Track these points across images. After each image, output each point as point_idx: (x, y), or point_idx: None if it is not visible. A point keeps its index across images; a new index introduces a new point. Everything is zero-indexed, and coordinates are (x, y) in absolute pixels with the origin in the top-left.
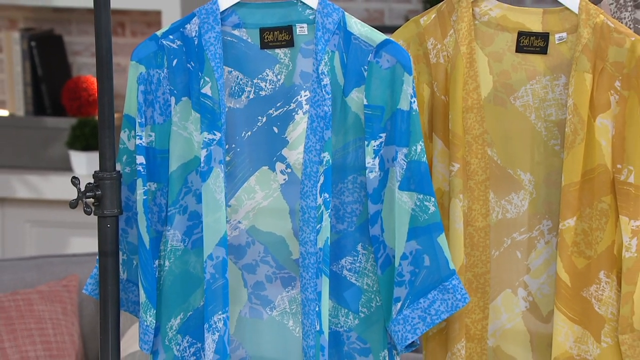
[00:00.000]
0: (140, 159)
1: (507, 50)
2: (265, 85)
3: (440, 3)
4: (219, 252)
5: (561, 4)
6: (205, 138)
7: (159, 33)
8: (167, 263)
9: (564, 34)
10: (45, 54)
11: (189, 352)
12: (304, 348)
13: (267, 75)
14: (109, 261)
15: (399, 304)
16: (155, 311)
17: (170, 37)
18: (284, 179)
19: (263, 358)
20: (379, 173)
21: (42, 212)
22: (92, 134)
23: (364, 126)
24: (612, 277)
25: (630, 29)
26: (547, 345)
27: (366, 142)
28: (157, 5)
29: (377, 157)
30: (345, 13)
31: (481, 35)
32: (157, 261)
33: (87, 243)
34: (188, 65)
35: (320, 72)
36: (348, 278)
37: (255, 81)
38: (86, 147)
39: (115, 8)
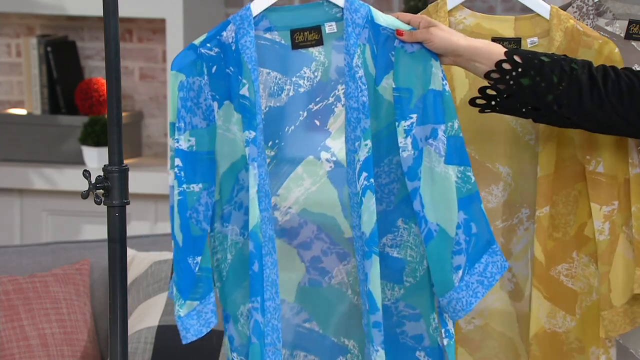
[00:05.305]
0: (178, 162)
1: None
2: (304, 82)
3: (422, 11)
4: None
5: (532, 11)
6: (247, 137)
7: (196, 42)
8: (229, 256)
9: (535, 39)
10: (60, 58)
11: None
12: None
13: (305, 73)
14: (117, 247)
15: (460, 272)
16: (184, 302)
17: (208, 45)
18: (330, 167)
19: (325, 318)
20: (412, 152)
21: (57, 202)
22: (103, 131)
23: (394, 109)
24: (581, 255)
25: None
26: (527, 322)
27: (397, 123)
28: (161, 14)
29: (409, 137)
30: (371, 7)
31: None
32: (197, 257)
33: (97, 230)
34: (227, 70)
35: (354, 65)
36: (390, 254)
37: (293, 79)
38: (97, 143)
39: (123, 16)
